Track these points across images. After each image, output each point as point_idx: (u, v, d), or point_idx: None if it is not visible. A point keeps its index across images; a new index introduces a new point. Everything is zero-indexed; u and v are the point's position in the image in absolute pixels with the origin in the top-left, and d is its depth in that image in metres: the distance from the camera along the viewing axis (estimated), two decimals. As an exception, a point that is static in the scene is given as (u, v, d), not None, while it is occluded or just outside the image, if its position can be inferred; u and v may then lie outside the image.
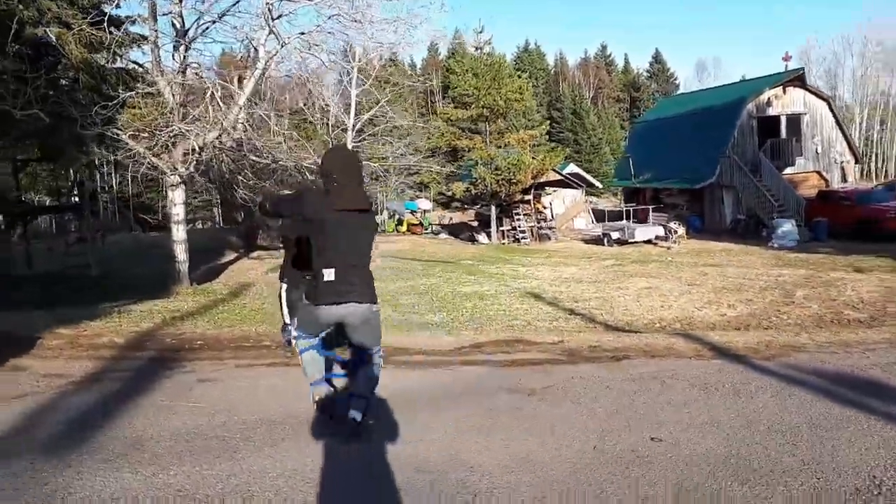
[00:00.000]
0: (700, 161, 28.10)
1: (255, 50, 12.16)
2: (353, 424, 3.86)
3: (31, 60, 9.98)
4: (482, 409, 4.50)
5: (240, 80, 12.85)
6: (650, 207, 27.39)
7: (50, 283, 12.97)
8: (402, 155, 24.75)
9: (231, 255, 19.00)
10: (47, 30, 10.22)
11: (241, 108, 12.02)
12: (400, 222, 28.41)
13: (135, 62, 12.78)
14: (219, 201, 34.39)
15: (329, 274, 3.88)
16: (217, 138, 12.27)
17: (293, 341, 4.30)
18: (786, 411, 4.38)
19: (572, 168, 33.84)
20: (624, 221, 26.91)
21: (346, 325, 4.05)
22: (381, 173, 22.92)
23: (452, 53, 66.57)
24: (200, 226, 35.82)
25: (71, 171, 16.69)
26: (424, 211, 28.78)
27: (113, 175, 27.88)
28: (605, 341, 6.68)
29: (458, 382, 5.28)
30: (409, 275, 15.37)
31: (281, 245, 7.87)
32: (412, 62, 76.33)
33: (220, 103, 11.90)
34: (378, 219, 23.94)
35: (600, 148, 64.45)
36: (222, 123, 11.96)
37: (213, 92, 11.75)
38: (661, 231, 24.78)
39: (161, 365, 5.80)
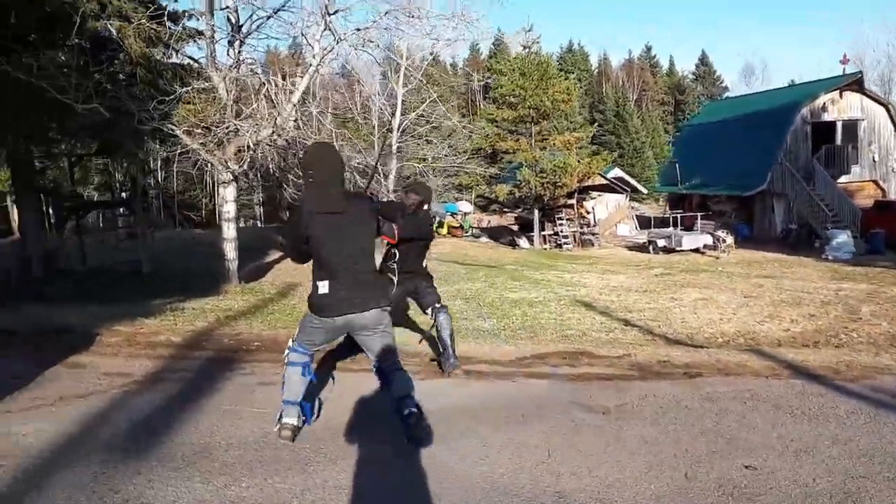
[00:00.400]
0: (750, 167, 27.38)
1: (311, 46, 12.12)
2: (415, 419, 3.75)
3: (91, 54, 10.07)
4: (557, 428, 4.29)
5: (283, 77, 12.85)
6: (698, 214, 26.78)
7: (103, 278, 13.13)
8: (444, 156, 24.64)
9: (276, 255, 19.05)
10: (108, 23, 10.30)
11: (294, 106, 12.00)
12: (440, 224, 28.23)
13: (190, 57, 12.89)
14: (262, 200, 34.77)
15: (323, 286, 3.71)
16: (270, 136, 12.28)
17: (286, 352, 4.10)
18: (884, 440, 4.09)
19: (616, 172, 33.32)
20: (670, 229, 26.36)
21: (356, 337, 3.91)
22: (423, 174, 22.84)
23: (494, 54, 66.35)
24: (242, 224, 36.21)
25: (122, 166, 16.92)
26: (465, 213, 28.55)
27: (159, 172, 28.31)
28: (675, 356, 6.40)
29: (524, 396, 5.06)
30: (454, 279, 15.20)
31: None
32: (453, 62, 76.38)
33: (273, 100, 11.90)
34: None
35: (643, 152, 63.50)
36: (276, 120, 11.96)
37: (267, 88, 11.76)
38: (709, 239, 24.20)
39: (220, 366, 5.72)
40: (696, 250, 24.20)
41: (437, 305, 5.73)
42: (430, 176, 25.43)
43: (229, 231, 12.85)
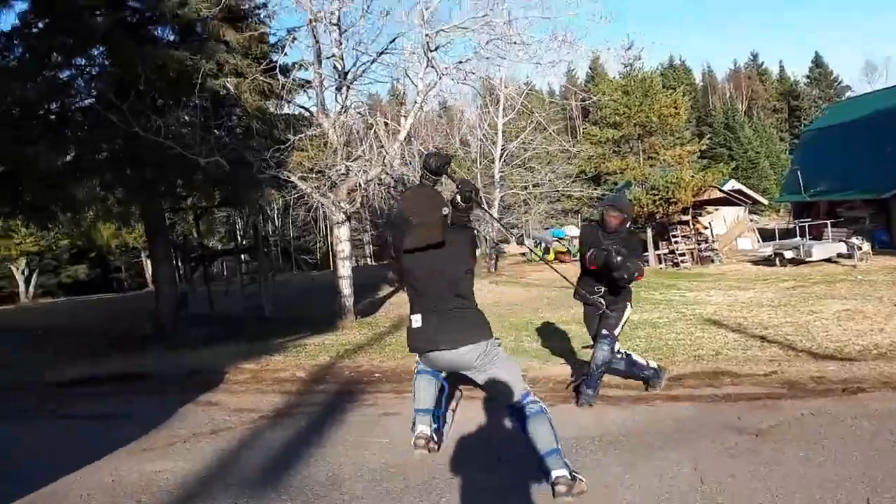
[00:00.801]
0: (886, 168, 25.19)
1: (414, 84, 12.30)
2: (564, 486, 3.29)
3: (211, 111, 10.69)
4: (706, 453, 3.90)
5: (387, 119, 13.09)
6: (827, 223, 24.85)
7: (229, 322, 13.72)
8: (548, 181, 24.34)
9: (387, 290, 19.34)
10: (226, 81, 10.90)
11: (401, 144, 12.19)
12: (547, 251, 27.77)
13: (301, 106, 13.41)
14: (370, 239, 35.68)
15: (416, 320, 3.58)
16: (378, 174, 12.52)
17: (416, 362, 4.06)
18: None
19: (734, 184, 31.63)
20: (798, 239, 24.58)
21: (461, 372, 3.70)
22: (525, 201, 22.65)
23: (592, 77, 65.57)
24: (354, 263, 37.30)
25: (243, 216, 17.84)
26: (572, 238, 27.93)
27: (277, 219, 29.71)
28: (829, 371, 5.78)
29: (666, 420, 4.68)
30: (568, 303, 14.71)
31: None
32: (550, 89, 76.11)
33: (381, 140, 12.14)
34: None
35: (758, 162, 60.22)
36: (384, 160, 12.18)
37: (375, 129, 12.02)
38: (842, 248, 22.32)
39: (344, 399, 5.71)
40: (829, 260, 22.35)
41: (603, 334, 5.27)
42: (534, 202, 25.21)
43: (344, 269, 13.11)
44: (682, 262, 26.09)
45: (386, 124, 12.68)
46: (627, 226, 5.26)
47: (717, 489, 3.34)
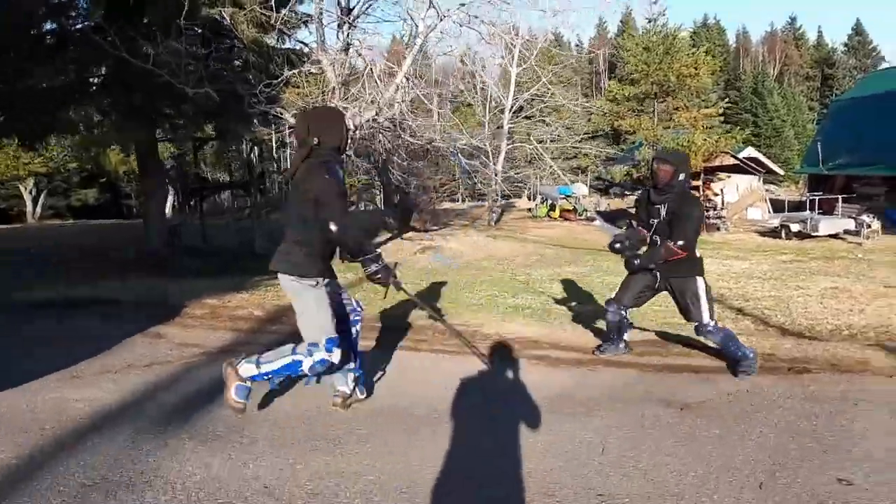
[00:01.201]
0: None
1: (416, 25, 11.97)
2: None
3: (203, 41, 10.46)
4: (622, 423, 3.84)
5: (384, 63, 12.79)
6: (839, 197, 24.30)
7: (218, 256, 13.74)
8: (559, 137, 23.86)
9: (384, 236, 19.28)
10: (222, 10, 10.62)
11: (397, 87, 11.92)
12: (552, 208, 27.42)
13: (301, 41, 13.14)
14: (380, 184, 35.42)
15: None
16: (373, 118, 12.30)
17: None
18: None
19: (750, 152, 30.83)
20: (807, 212, 24.09)
21: None
22: (536, 156, 22.23)
23: (622, 31, 63.75)
24: (363, 207, 37.14)
25: (243, 150, 17.70)
26: (579, 196, 27.54)
27: (279, 156, 29.51)
28: (783, 349, 5.68)
29: (601, 387, 4.62)
30: (559, 262, 14.65)
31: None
32: (579, 42, 74.27)
33: (378, 81, 11.87)
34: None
35: (783, 131, 58.68)
36: (378, 102, 11.94)
37: (370, 69, 11.74)
38: (850, 224, 21.86)
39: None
40: (835, 236, 21.94)
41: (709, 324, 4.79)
42: (545, 158, 24.78)
43: (332, 211, 13.04)
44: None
45: (387, 62, 12.41)
46: (681, 179, 4.67)
47: (615, 461, 3.29)
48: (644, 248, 4.98)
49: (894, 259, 16.60)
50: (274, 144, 12.09)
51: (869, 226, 21.92)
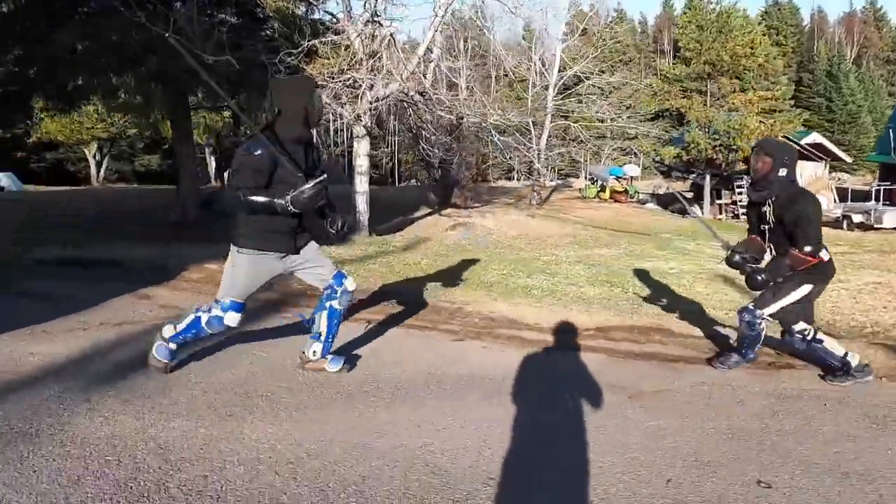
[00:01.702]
0: None
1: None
2: None
3: (222, 6, 10.50)
4: (553, 409, 3.70)
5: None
6: (905, 188, 23.01)
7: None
8: (610, 119, 23.22)
9: (423, 212, 19.26)
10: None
11: (420, 59, 11.79)
12: (603, 189, 26.87)
13: (329, 12, 13.11)
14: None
15: None
16: (400, 90, 12.21)
17: None
18: None
19: (814, 138, 29.45)
20: (871, 203, 22.90)
21: None
22: (584, 137, 21.73)
23: (687, 9, 61.46)
24: (415, 183, 37.13)
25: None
26: (632, 178, 26.88)
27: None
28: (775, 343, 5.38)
29: (553, 370, 4.49)
30: (592, 244, 14.34)
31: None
32: (643, 19, 72.13)
33: (400, 53, 11.77)
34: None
35: (859, 117, 55.71)
36: (402, 75, 11.85)
37: (392, 41, 11.64)
38: (919, 216, 20.72)
39: (270, 309, 5.74)
40: (903, 228, 20.81)
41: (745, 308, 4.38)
42: (594, 138, 24.21)
43: (361, 184, 13.07)
44: (742, 213, 24.84)
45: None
46: (782, 175, 3.99)
47: (525, 448, 3.16)
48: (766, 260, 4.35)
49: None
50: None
51: (940, 219, 20.72)
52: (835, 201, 29.28)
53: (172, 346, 3.79)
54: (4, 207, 17.36)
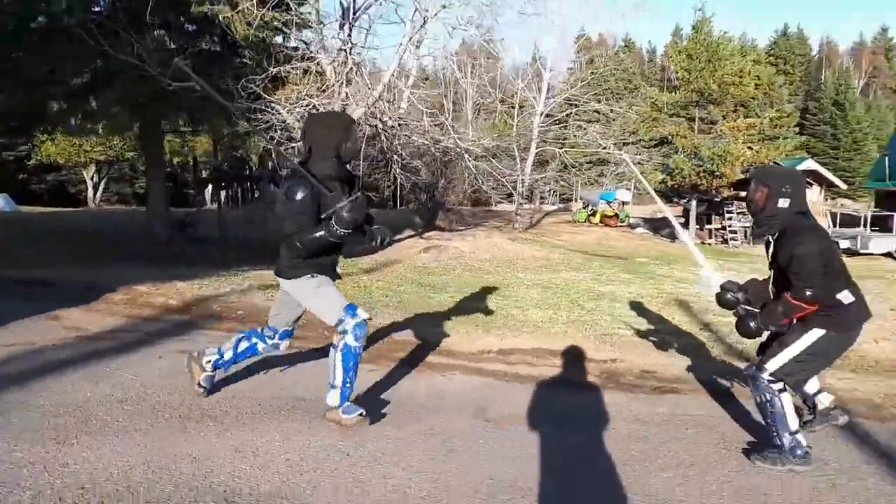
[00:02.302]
0: None
1: (405, 24, 11.96)
2: None
3: (192, 36, 10.74)
4: (400, 431, 3.68)
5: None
6: (894, 215, 22.80)
7: (220, 247, 14.13)
8: (600, 146, 23.29)
9: (406, 234, 19.32)
10: (211, 7, 10.90)
11: (384, 86, 11.93)
12: (593, 213, 26.83)
13: (303, 41, 13.31)
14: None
15: None
16: (366, 115, 12.35)
17: None
18: None
19: (809, 164, 29.31)
20: (859, 229, 22.73)
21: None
22: (571, 163, 21.77)
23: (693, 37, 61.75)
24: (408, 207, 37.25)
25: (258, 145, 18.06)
26: (623, 203, 26.80)
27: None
28: (665, 368, 5.33)
29: (426, 392, 4.47)
30: (562, 267, 14.28)
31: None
32: (651, 47, 72.60)
33: (367, 79, 11.93)
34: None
35: (864, 145, 55.43)
36: (367, 101, 12.00)
37: (359, 68, 11.81)
38: (904, 243, 20.52)
39: (173, 332, 5.77)
40: (890, 255, 20.62)
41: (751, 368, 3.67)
42: (581, 165, 24.28)
43: (329, 207, 13.17)
44: (731, 239, 24.72)
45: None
46: (782, 206, 3.47)
47: (338, 471, 3.15)
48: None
49: (938, 285, 15.34)
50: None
51: (927, 246, 20.51)
52: (829, 227, 29.10)
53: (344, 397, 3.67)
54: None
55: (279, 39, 13.31)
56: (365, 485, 3.00)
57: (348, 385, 3.61)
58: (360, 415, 3.58)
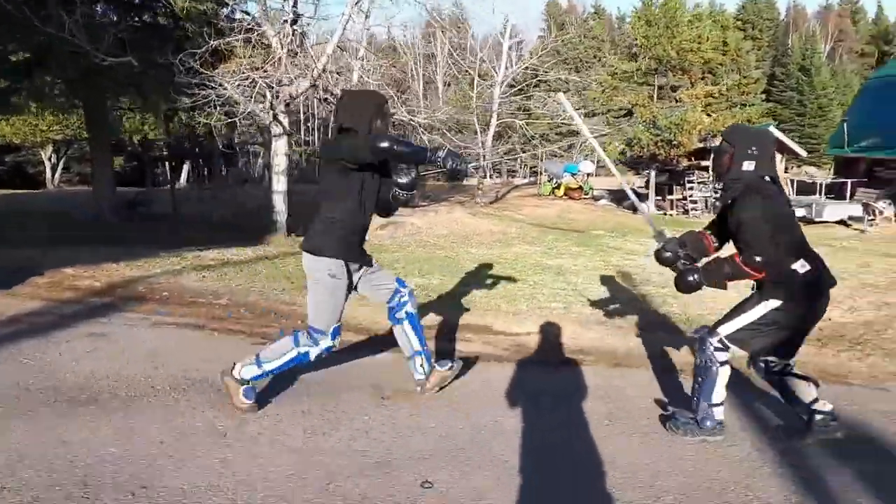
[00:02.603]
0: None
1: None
2: None
3: (129, 8, 10.46)
4: (289, 411, 3.70)
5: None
6: (848, 181, 23.14)
7: (172, 224, 13.95)
8: (560, 116, 23.23)
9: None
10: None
11: (328, 58, 11.78)
12: (557, 186, 26.90)
13: (245, 11, 13.09)
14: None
15: None
16: (311, 87, 12.21)
17: None
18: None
19: (771, 132, 29.57)
20: (814, 197, 23.06)
21: None
22: (531, 135, 21.74)
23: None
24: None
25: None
26: (587, 174, 26.89)
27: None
28: (585, 339, 5.42)
29: (333, 373, 4.47)
30: (515, 241, 14.39)
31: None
32: (620, 14, 72.07)
33: (311, 51, 11.78)
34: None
35: (829, 111, 55.84)
36: (312, 72, 11.86)
37: (303, 40, 11.64)
38: (857, 210, 20.82)
39: (91, 313, 5.70)
40: (842, 222, 20.95)
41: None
42: (548, 136, 24.28)
43: (279, 184, 13.08)
44: (692, 209, 24.94)
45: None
46: (746, 169, 3.33)
47: (201, 453, 3.17)
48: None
49: (887, 249, 15.63)
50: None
51: (881, 212, 20.86)
52: (791, 195, 29.48)
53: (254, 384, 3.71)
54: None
55: (225, 11, 13.07)
56: (231, 463, 3.02)
57: (270, 375, 3.72)
58: (253, 405, 3.62)
